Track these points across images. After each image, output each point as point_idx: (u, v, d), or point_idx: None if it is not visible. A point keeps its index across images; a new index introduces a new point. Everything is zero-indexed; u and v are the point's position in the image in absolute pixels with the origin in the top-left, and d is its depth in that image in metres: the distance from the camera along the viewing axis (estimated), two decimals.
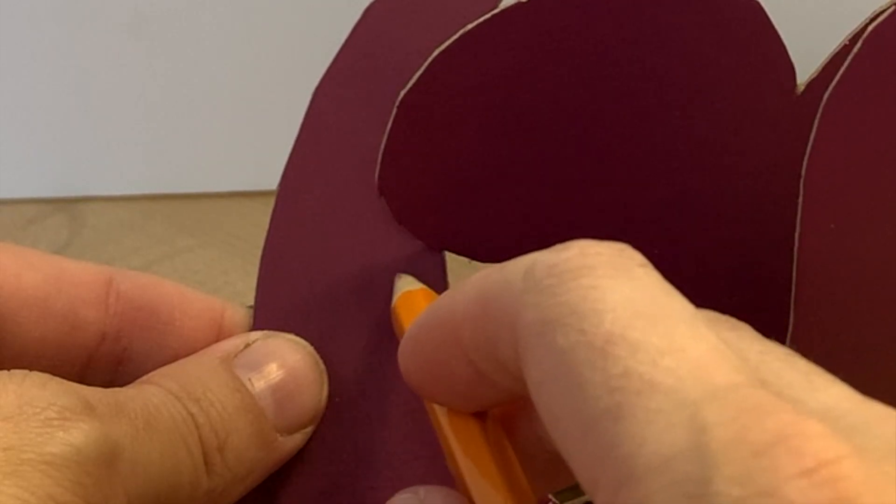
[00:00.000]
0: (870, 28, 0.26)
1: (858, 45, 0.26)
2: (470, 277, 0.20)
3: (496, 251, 0.30)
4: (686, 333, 0.17)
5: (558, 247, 0.19)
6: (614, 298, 0.17)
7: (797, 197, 0.27)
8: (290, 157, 0.31)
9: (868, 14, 0.27)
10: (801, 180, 0.27)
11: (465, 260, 0.30)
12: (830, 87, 0.26)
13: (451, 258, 0.30)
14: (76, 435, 0.22)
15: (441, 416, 0.22)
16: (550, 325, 0.17)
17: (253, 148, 0.57)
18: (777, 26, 0.28)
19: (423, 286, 0.27)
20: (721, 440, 0.15)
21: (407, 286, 0.27)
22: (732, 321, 0.19)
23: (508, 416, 0.23)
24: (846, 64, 0.26)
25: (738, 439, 0.15)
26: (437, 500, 0.22)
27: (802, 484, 0.14)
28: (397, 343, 0.28)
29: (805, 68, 0.29)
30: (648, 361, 0.16)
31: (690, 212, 0.30)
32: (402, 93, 0.27)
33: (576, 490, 0.26)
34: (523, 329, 0.18)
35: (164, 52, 0.57)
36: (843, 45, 0.28)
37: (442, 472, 0.27)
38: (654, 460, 0.15)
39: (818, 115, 0.26)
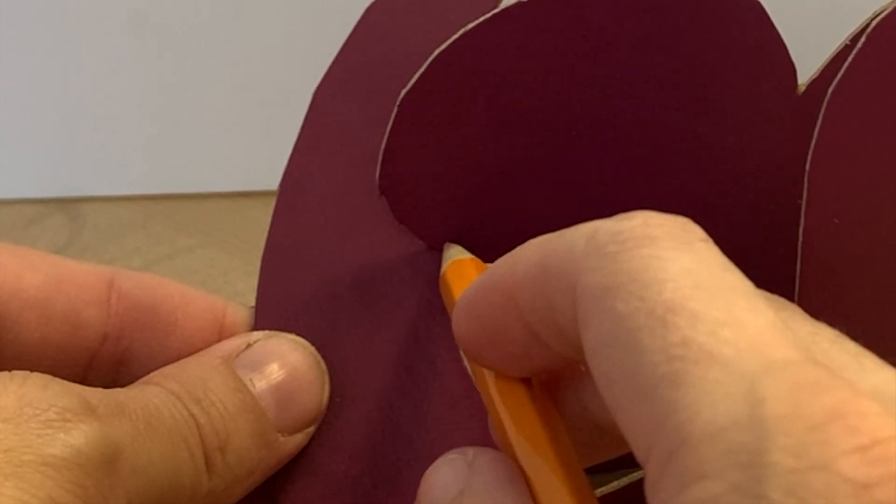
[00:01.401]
0: (874, 23, 0.26)
1: (862, 40, 0.26)
2: (529, 241, 0.21)
3: (497, 250, 0.30)
4: (745, 307, 0.17)
5: (621, 216, 0.19)
6: (676, 269, 0.18)
7: (798, 196, 0.27)
8: (291, 157, 0.31)
9: (869, 14, 0.27)
10: (805, 175, 0.27)
11: None
12: (835, 82, 0.26)
13: None
14: (77, 436, 0.22)
15: (489, 379, 0.23)
16: (611, 290, 0.18)
17: (253, 148, 0.56)
18: (778, 26, 0.28)
19: (472, 256, 0.27)
20: (777, 413, 0.15)
21: (457, 254, 0.28)
22: (783, 301, 0.19)
23: (553, 384, 0.23)
24: (850, 58, 0.26)
25: (794, 413, 0.15)
26: (486, 462, 0.21)
27: (856, 460, 0.15)
28: (398, 342, 0.28)
29: (806, 69, 0.29)
30: (708, 332, 0.17)
31: (692, 211, 0.30)
32: (403, 92, 0.27)
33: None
34: (583, 293, 0.18)
35: (165, 52, 0.57)
36: (844, 45, 0.28)
37: None
38: (709, 428, 0.16)
39: (822, 109, 0.26)
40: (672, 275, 0.18)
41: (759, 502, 0.15)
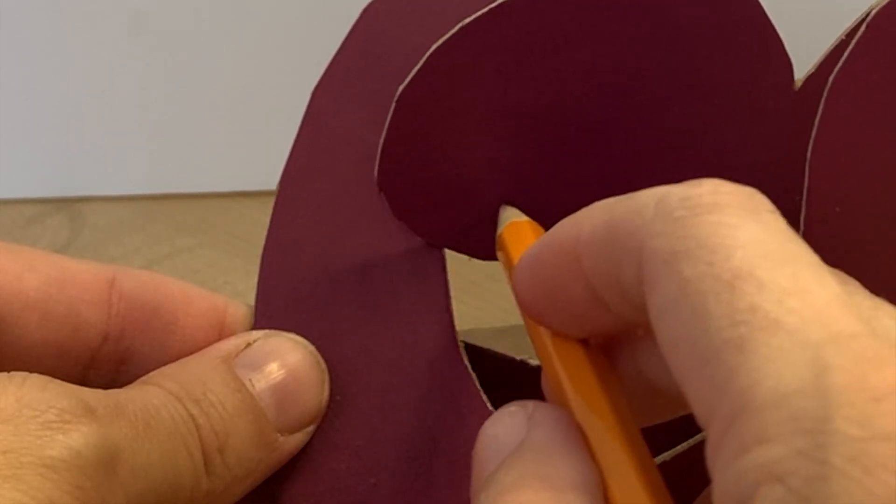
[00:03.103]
0: (874, 11, 0.26)
1: (863, 28, 0.26)
2: (595, 203, 0.21)
3: (495, 248, 0.30)
4: (811, 278, 0.17)
5: (691, 182, 0.19)
6: (744, 236, 0.18)
7: (797, 191, 0.27)
8: (290, 157, 0.31)
9: (864, 10, 0.27)
10: (806, 164, 0.27)
11: (464, 258, 0.30)
12: (835, 70, 0.26)
13: (450, 257, 0.30)
14: (76, 438, 0.22)
15: (547, 338, 0.23)
16: (678, 254, 0.18)
17: (253, 148, 0.56)
18: (775, 22, 0.28)
19: (529, 219, 0.27)
20: (842, 382, 0.16)
21: (514, 216, 0.28)
22: (844, 275, 0.20)
23: (609, 347, 0.23)
24: (851, 47, 0.26)
25: (858, 384, 0.16)
26: (546, 416, 0.21)
27: None
28: (397, 340, 0.28)
29: (803, 64, 0.29)
30: (774, 300, 0.17)
31: None
32: (401, 87, 0.27)
33: None
34: (650, 256, 0.19)
35: (164, 52, 0.57)
36: (840, 40, 0.28)
37: (444, 470, 0.27)
38: (773, 394, 0.16)
39: (823, 98, 0.26)
40: (740, 242, 0.18)
41: (823, 468, 0.15)
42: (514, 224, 0.27)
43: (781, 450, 0.16)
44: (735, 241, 0.18)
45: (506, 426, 0.22)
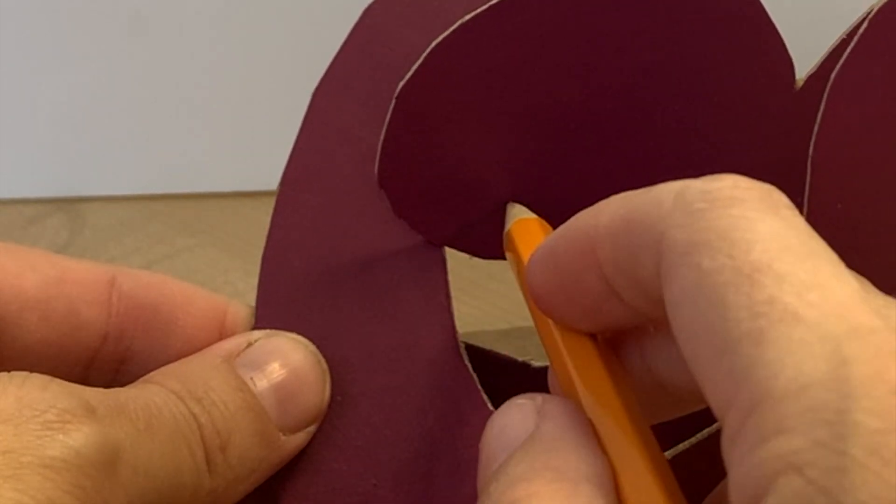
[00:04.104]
0: (875, 9, 0.26)
1: (864, 25, 0.26)
2: (613, 196, 0.21)
3: (496, 247, 0.30)
4: (830, 273, 0.18)
5: (710, 176, 0.19)
6: (764, 230, 0.18)
7: (798, 191, 0.27)
8: (291, 156, 0.31)
9: (865, 8, 0.27)
10: (809, 160, 0.27)
11: (465, 258, 0.30)
12: (837, 67, 0.26)
13: (451, 257, 0.30)
14: (76, 437, 0.22)
15: (556, 332, 0.23)
16: (698, 246, 0.18)
17: (253, 148, 0.56)
18: (776, 21, 0.28)
19: (537, 216, 0.27)
20: (861, 375, 0.16)
21: (521, 213, 0.28)
22: (856, 274, 0.20)
23: (619, 343, 0.23)
24: (853, 43, 0.26)
25: (878, 376, 0.16)
26: (556, 408, 0.21)
27: None
28: (398, 340, 0.28)
29: (804, 63, 0.29)
30: (794, 293, 0.17)
31: None
32: (401, 84, 0.27)
33: None
34: (669, 248, 0.19)
35: (164, 52, 0.57)
36: (841, 39, 0.28)
37: (445, 470, 0.27)
38: (792, 386, 0.16)
39: (825, 94, 0.26)
40: (761, 236, 0.18)
41: (842, 459, 0.15)
42: (522, 221, 0.27)
43: (800, 440, 0.16)
44: (755, 235, 0.18)
45: (515, 418, 0.21)
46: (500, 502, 0.20)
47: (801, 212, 0.27)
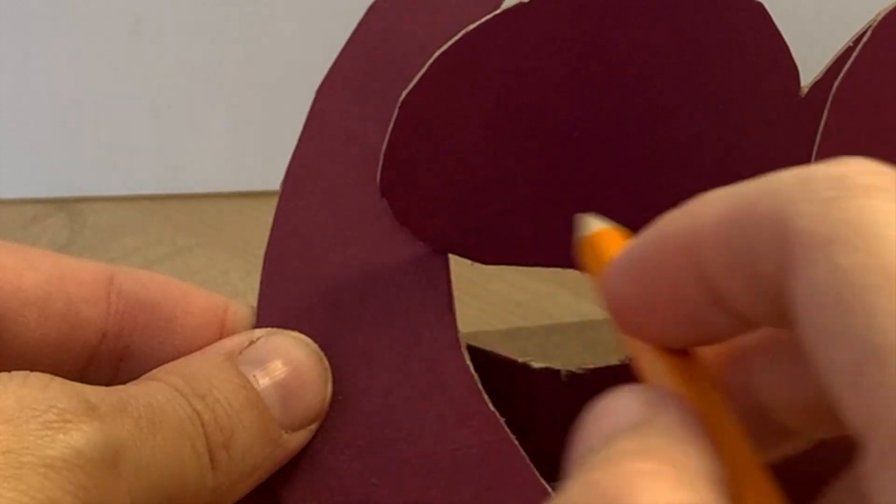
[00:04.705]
0: (878, 18, 0.26)
1: (867, 35, 0.26)
2: (709, 194, 0.19)
3: (498, 253, 0.30)
4: None
5: (834, 160, 0.18)
6: None
7: None
8: (294, 156, 0.31)
9: (872, 16, 0.27)
10: None
11: (468, 263, 0.30)
12: (839, 78, 0.26)
13: (453, 260, 0.30)
14: (77, 437, 0.22)
15: (649, 350, 0.20)
16: (832, 241, 0.16)
17: (253, 148, 0.56)
18: (781, 29, 0.28)
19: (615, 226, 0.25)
20: None
21: (598, 222, 0.24)
22: None
23: (713, 360, 0.21)
24: (856, 54, 0.26)
25: None
26: (672, 404, 0.19)
27: None
28: (399, 341, 0.28)
29: (809, 71, 0.29)
30: None
31: None
32: (404, 93, 0.27)
33: None
34: (797, 240, 0.17)
35: (165, 52, 0.57)
36: (846, 47, 0.28)
37: (445, 470, 0.27)
38: None
39: (827, 105, 0.26)
40: None
41: None
42: (605, 231, 0.24)
43: None
44: None
45: (627, 402, 0.19)
46: (606, 475, 0.17)
47: None
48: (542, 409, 0.33)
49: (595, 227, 0.23)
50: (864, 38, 0.26)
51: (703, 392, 0.19)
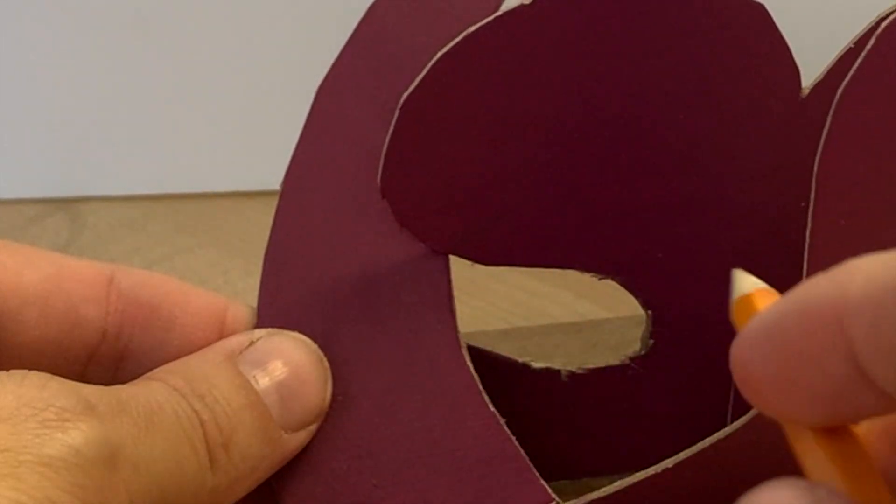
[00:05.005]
0: (885, 23, 0.26)
1: (872, 41, 0.26)
2: (856, 260, 0.18)
3: (498, 253, 0.30)
4: None
5: None
6: None
7: (803, 199, 0.27)
8: (294, 156, 0.31)
9: (873, 17, 0.27)
10: (814, 176, 0.26)
11: (468, 263, 0.30)
12: (845, 82, 0.26)
13: (453, 260, 0.30)
14: (75, 436, 0.22)
15: (801, 433, 0.19)
16: None
17: (254, 148, 0.56)
18: (782, 30, 0.28)
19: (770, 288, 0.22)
20: None
21: (753, 282, 0.22)
22: None
23: (866, 439, 0.19)
24: (861, 59, 0.26)
25: None
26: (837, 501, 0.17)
27: None
28: (399, 341, 0.28)
29: (810, 72, 0.29)
30: None
31: (695, 215, 0.30)
32: (405, 95, 0.27)
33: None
34: None
35: (165, 51, 0.57)
36: (848, 48, 0.28)
37: (445, 470, 0.27)
38: None
39: (832, 110, 0.26)
40: None
41: None
42: (759, 292, 0.22)
43: None
44: None
45: (789, 496, 0.17)
46: None
47: (806, 218, 0.27)
48: (542, 409, 0.33)
49: (750, 288, 0.22)
50: (867, 48, 0.26)
51: (866, 485, 0.18)
